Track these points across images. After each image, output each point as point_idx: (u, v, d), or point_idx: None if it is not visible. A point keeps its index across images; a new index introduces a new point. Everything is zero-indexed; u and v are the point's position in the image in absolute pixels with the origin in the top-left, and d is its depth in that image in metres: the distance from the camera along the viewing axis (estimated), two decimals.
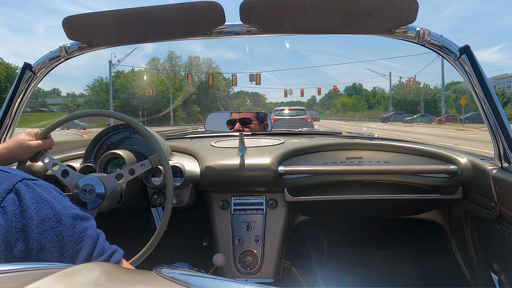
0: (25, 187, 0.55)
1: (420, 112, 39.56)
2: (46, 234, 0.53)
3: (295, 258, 1.71)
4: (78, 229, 0.57)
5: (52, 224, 0.54)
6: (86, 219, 0.60)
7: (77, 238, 0.56)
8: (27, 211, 0.52)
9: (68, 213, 0.57)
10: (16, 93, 1.32)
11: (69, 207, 0.58)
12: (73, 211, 0.58)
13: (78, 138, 20.40)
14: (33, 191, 0.55)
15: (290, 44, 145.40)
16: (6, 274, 0.36)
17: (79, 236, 0.57)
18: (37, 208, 0.54)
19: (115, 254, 0.62)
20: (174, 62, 58.38)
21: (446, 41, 1.16)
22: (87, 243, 0.57)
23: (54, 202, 0.56)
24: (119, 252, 0.63)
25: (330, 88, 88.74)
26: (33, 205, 0.53)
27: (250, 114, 2.16)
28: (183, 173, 1.35)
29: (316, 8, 1.10)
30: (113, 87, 47.92)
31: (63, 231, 0.55)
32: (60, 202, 0.57)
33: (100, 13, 1.18)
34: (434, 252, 1.71)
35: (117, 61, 29.88)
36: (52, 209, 0.55)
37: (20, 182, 0.55)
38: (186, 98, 53.63)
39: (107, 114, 1.21)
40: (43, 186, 0.58)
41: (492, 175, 1.11)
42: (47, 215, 0.54)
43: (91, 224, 0.60)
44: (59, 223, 0.55)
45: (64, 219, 0.56)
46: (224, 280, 0.43)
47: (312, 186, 1.46)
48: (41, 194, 0.55)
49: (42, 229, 0.53)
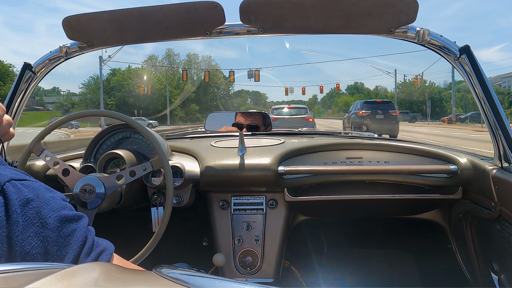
0: (12, 188, 0.52)
1: (426, 111, 38.83)
2: (30, 240, 0.51)
3: (295, 258, 1.71)
4: (64, 232, 0.54)
5: (36, 230, 0.52)
6: (75, 220, 0.57)
7: (63, 243, 0.54)
8: (13, 216, 0.50)
9: (55, 216, 0.54)
10: (16, 93, 1.32)
11: (57, 209, 0.55)
12: (62, 213, 0.55)
13: (64, 138, 18.27)
14: (20, 192, 0.53)
15: (290, 44, 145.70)
16: (6, 274, 0.36)
17: (65, 241, 0.54)
18: (22, 211, 0.51)
19: (103, 254, 0.59)
20: (173, 60, 58.21)
21: (446, 41, 1.16)
22: (73, 246, 0.55)
23: (41, 205, 0.54)
24: (108, 252, 0.60)
25: (331, 87, 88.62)
26: (19, 208, 0.51)
27: (257, 118, 2.12)
28: (183, 173, 1.35)
29: (316, 8, 1.10)
30: (109, 85, 47.60)
31: (48, 236, 0.53)
32: (48, 204, 0.55)
33: (100, 13, 1.18)
34: (434, 252, 1.71)
35: (108, 57, 28.85)
36: (37, 213, 0.53)
37: (8, 183, 0.52)
38: (185, 97, 53.37)
39: (107, 114, 1.21)
40: (32, 187, 0.55)
41: (492, 175, 1.11)
42: (32, 220, 0.52)
43: (80, 224, 0.57)
44: (44, 228, 0.52)
45: (50, 223, 0.53)
46: (224, 280, 0.43)
47: (312, 186, 1.46)
48: (28, 197, 0.53)
49: (26, 235, 0.51)
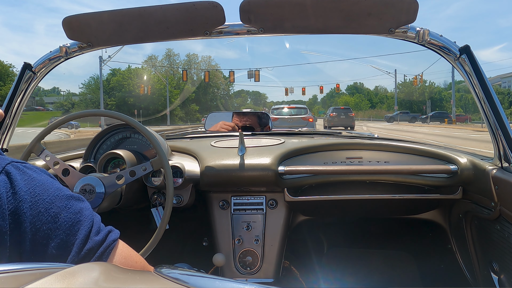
0: (15, 169, 0.53)
1: (426, 112, 38.50)
2: (40, 216, 0.51)
3: (295, 258, 1.71)
4: (73, 209, 0.55)
5: (46, 206, 0.52)
6: (81, 200, 0.58)
7: (74, 219, 0.55)
8: (19, 193, 0.51)
9: (62, 194, 0.55)
10: (16, 93, 1.32)
11: (62, 188, 0.57)
12: (67, 192, 0.57)
13: (64, 138, 18.28)
14: (23, 173, 0.53)
15: (290, 44, 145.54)
16: (6, 274, 0.36)
17: (76, 217, 0.55)
18: (29, 189, 0.52)
19: (111, 233, 0.60)
20: (172, 60, 58.18)
21: (446, 41, 1.16)
22: (84, 223, 0.56)
23: (46, 183, 0.55)
24: (115, 232, 0.61)
25: (331, 87, 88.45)
26: (25, 187, 0.52)
27: (253, 119, 2.10)
28: (183, 173, 1.35)
29: (316, 8, 1.10)
30: (109, 85, 47.52)
31: (58, 212, 0.53)
32: (53, 184, 0.56)
33: (100, 13, 1.18)
34: (434, 252, 1.71)
35: (108, 57, 28.83)
36: (45, 190, 0.54)
37: (9, 164, 0.53)
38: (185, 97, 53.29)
39: (107, 114, 1.21)
40: (33, 169, 0.56)
41: (492, 175, 1.11)
42: (41, 196, 0.53)
43: (86, 205, 0.59)
44: (53, 205, 0.53)
45: (58, 200, 0.54)
46: (224, 280, 0.43)
47: (312, 186, 1.46)
48: (33, 176, 0.54)
49: (36, 211, 0.51)
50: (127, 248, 0.63)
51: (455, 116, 32.59)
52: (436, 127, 28.97)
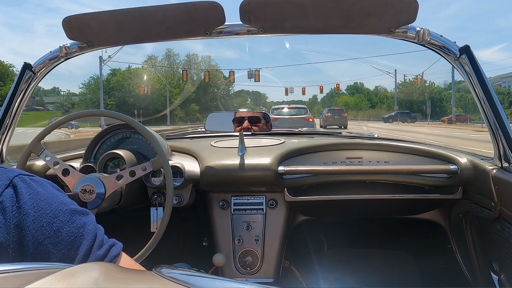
0: (22, 182, 0.54)
1: (426, 111, 38.55)
2: (43, 230, 0.52)
3: (295, 258, 1.71)
4: (76, 224, 0.56)
5: (49, 220, 0.53)
6: (85, 214, 0.59)
7: (76, 233, 0.55)
8: (23, 207, 0.51)
9: (66, 209, 0.56)
10: (16, 93, 1.32)
11: (67, 202, 0.57)
12: (71, 207, 0.57)
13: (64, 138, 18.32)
14: (29, 186, 0.54)
15: (290, 44, 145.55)
16: (6, 274, 0.36)
17: (78, 231, 0.56)
18: (33, 204, 0.53)
19: (114, 247, 0.61)
20: (172, 60, 58.16)
21: (446, 41, 1.16)
22: (86, 237, 0.56)
23: (51, 198, 0.55)
24: (118, 246, 0.62)
25: (331, 87, 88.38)
26: (29, 201, 0.52)
27: (258, 113, 2.20)
28: (183, 173, 1.35)
29: (316, 8, 1.10)
30: (109, 85, 47.52)
31: (60, 227, 0.54)
32: (57, 198, 0.56)
33: (100, 13, 1.18)
34: (434, 252, 1.71)
35: (108, 57, 28.88)
36: (49, 205, 0.54)
37: (17, 177, 0.54)
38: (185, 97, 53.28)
39: (107, 114, 1.21)
40: (40, 182, 0.57)
41: (492, 175, 1.11)
42: (44, 211, 0.53)
43: (90, 219, 0.59)
44: (56, 219, 0.54)
45: (61, 215, 0.55)
46: (224, 280, 0.43)
47: (312, 186, 1.46)
48: (38, 190, 0.55)
49: (39, 226, 0.52)
50: (129, 261, 0.64)
51: (455, 116, 32.57)
52: (436, 127, 29.01)
